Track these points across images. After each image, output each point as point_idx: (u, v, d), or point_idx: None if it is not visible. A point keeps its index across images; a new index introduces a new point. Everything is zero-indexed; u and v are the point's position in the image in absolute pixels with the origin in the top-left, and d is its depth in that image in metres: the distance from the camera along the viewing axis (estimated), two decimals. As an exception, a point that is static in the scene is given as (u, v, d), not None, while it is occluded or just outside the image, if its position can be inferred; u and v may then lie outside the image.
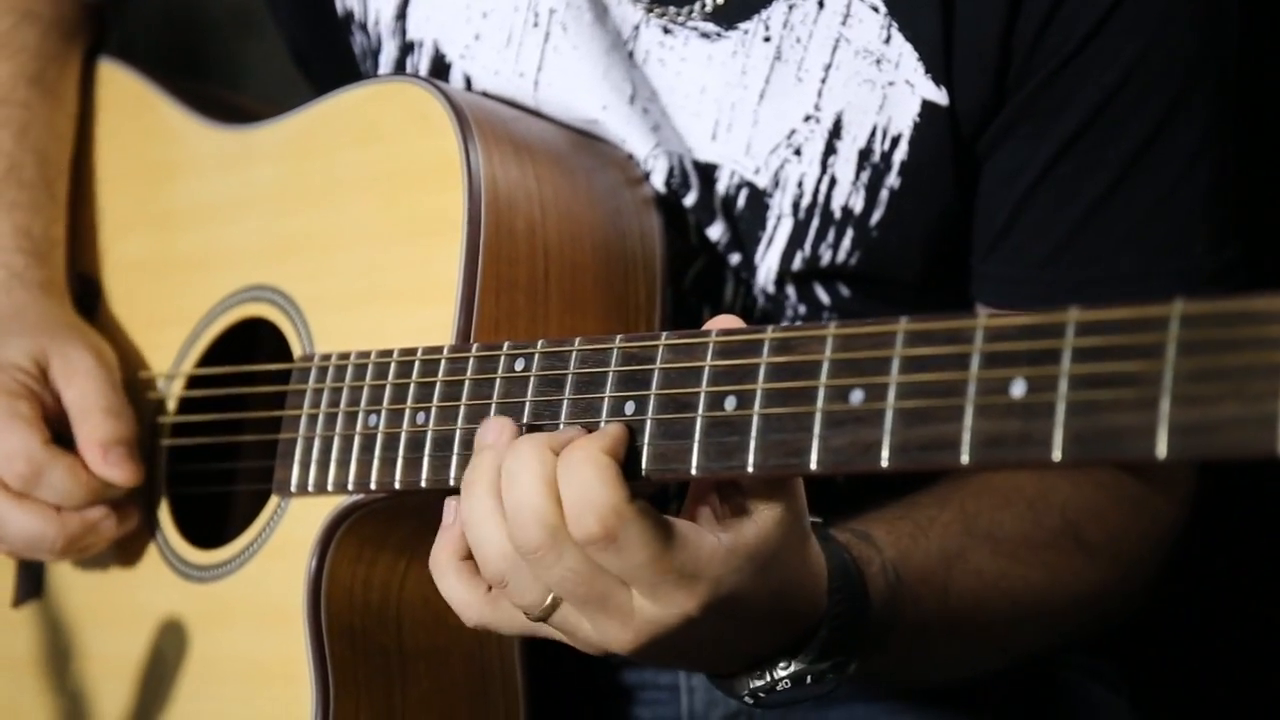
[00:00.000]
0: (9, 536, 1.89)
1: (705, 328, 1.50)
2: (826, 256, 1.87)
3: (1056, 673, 2.03)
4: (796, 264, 1.87)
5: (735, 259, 1.89)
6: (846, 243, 1.87)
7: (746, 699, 1.60)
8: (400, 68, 1.97)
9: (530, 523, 1.46)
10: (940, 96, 1.82)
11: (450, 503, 1.59)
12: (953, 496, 1.77)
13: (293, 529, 1.79)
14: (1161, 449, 1.21)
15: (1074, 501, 1.80)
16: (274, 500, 1.82)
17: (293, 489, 1.78)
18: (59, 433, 1.91)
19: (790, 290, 1.90)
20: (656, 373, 1.51)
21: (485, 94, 1.90)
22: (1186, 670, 2.27)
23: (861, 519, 1.70)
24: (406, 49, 1.96)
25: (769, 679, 1.58)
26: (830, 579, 1.57)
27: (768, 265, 1.88)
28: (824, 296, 1.90)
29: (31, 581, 2.02)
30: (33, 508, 1.87)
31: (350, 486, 1.73)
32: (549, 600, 1.52)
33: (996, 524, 1.76)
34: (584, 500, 1.45)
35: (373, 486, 1.71)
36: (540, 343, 1.60)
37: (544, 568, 1.48)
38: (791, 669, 1.57)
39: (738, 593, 1.49)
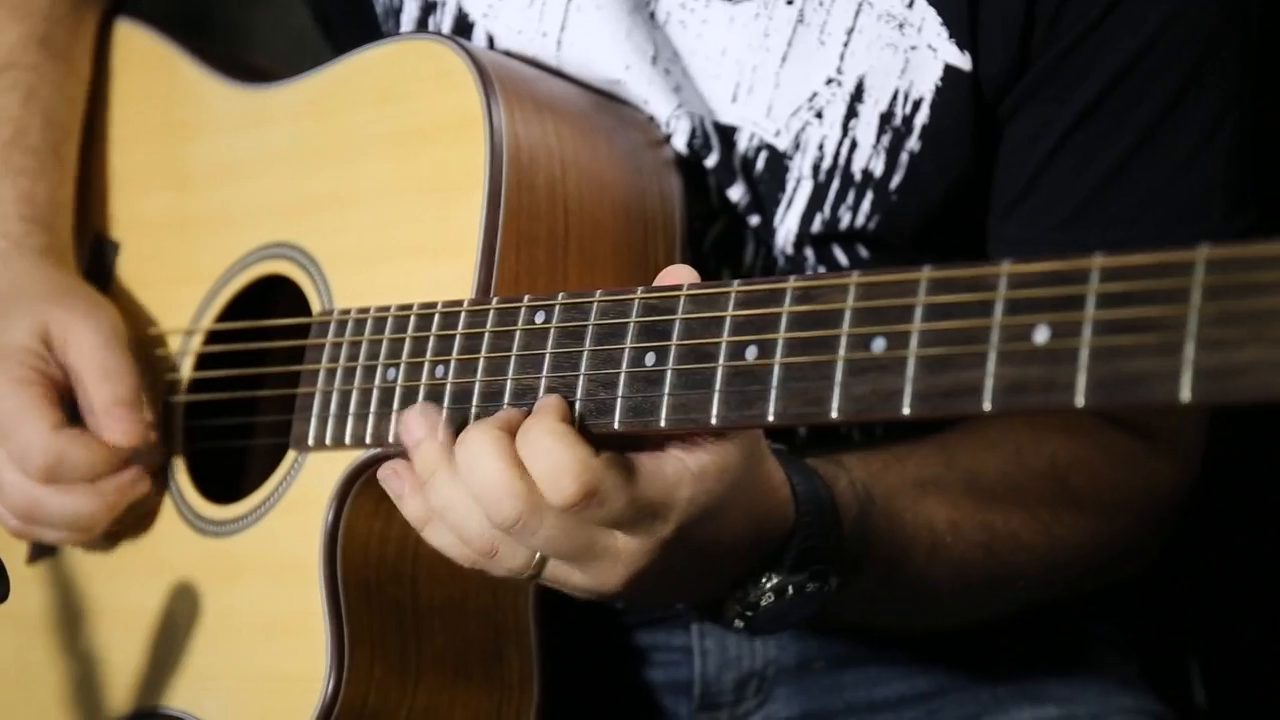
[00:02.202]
0: (53, 521, 1.89)
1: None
2: (846, 219, 1.87)
3: (1068, 639, 2.03)
4: (816, 226, 1.88)
5: (755, 221, 1.89)
6: (866, 206, 1.87)
7: (738, 624, 1.64)
8: (422, 27, 1.97)
9: (503, 499, 1.51)
10: (963, 61, 1.82)
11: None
12: (936, 435, 1.80)
13: (309, 483, 1.80)
14: (1185, 393, 1.21)
15: (1065, 451, 1.82)
16: (291, 455, 1.82)
17: (310, 443, 1.78)
18: (75, 404, 1.92)
19: (809, 253, 1.90)
20: (677, 323, 1.51)
21: (507, 53, 1.90)
22: (1195, 638, 2.27)
23: (833, 452, 1.73)
24: (428, 8, 1.96)
25: (752, 595, 1.62)
26: (795, 493, 1.62)
27: (787, 227, 1.89)
28: (842, 259, 1.91)
29: (46, 539, 2.03)
30: (68, 489, 1.87)
31: (368, 440, 1.73)
32: (536, 559, 1.56)
33: (979, 462, 1.78)
34: (556, 468, 1.49)
35: (391, 440, 1.71)
36: (561, 295, 1.60)
37: (526, 536, 1.53)
38: (773, 581, 1.62)
39: (710, 510, 1.53)
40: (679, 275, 1.55)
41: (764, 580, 1.62)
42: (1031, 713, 1.97)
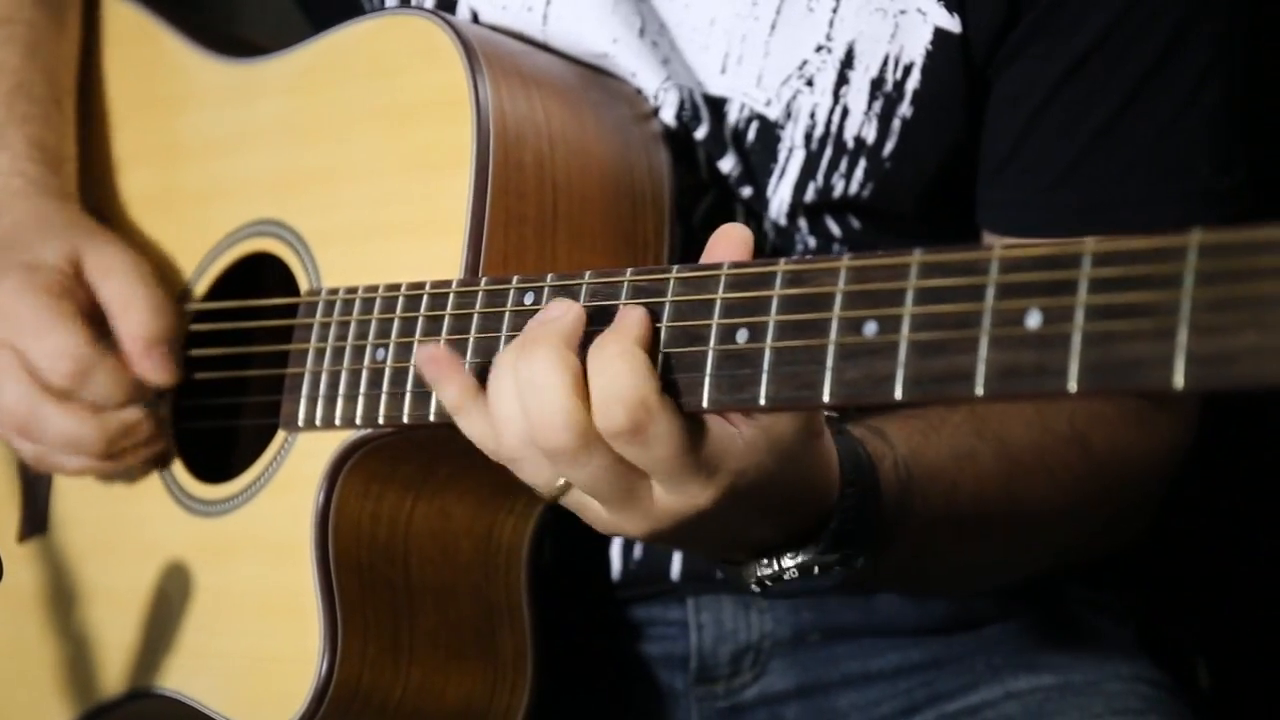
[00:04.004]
0: (48, 438, 1.87)
1: (715, 236, 1.51)
2: (839, 187, 1.86)
3: (1063, 607, 2.03)
4: (809, 195, 1.87)
5: (747, 192, 1.88)
6: (859, 173, 1.86)
7: (754, 587, 1.61)
8: (405, 2, 1.96)
9: (559, 428, 1.46)
10: (953, 24, 1.81)
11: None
12: None
13: (300, 464, 1.79)
14: (1179, 379, 1.20)
15: (1082, 411, 1.80)
16: (281, 435, 1.81)
17: (300, 423, 1.77)
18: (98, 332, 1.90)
19: (802, 223, 1.89)
20: (667, 305, 1.50)
21: (494, 28, 1.88)
22: (1190, 602, 2.27)
23: (875, 416, 1.70)
24: (412, -18, 1.95)
25: (776, 568, 1.59)
26: (843, 472, 1.58)
27: (780, 197, 1.87)
28: (835, 229, 1.90)
29: (36, 516, 2.02)
30: (73, 409, 1.86)
31: (358, 421, 1.72)
32: (561, 483, 1.52)
33: (1006, 428, 1.76)
34: (614, 393, 1.45)
35: (380, 421, 1.70)
36: (550, 276, 1.59)
37: (570, 468, 1.48)
38: (799, 559, 1.59)
39: (755, 484, 1.50)
40: (732, 236, 1.52)
41: (791, 556, 1.59)
42: (1028, 681, 1.97)
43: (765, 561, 1.60)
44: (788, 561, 1.59)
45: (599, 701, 2.00)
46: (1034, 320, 1.28)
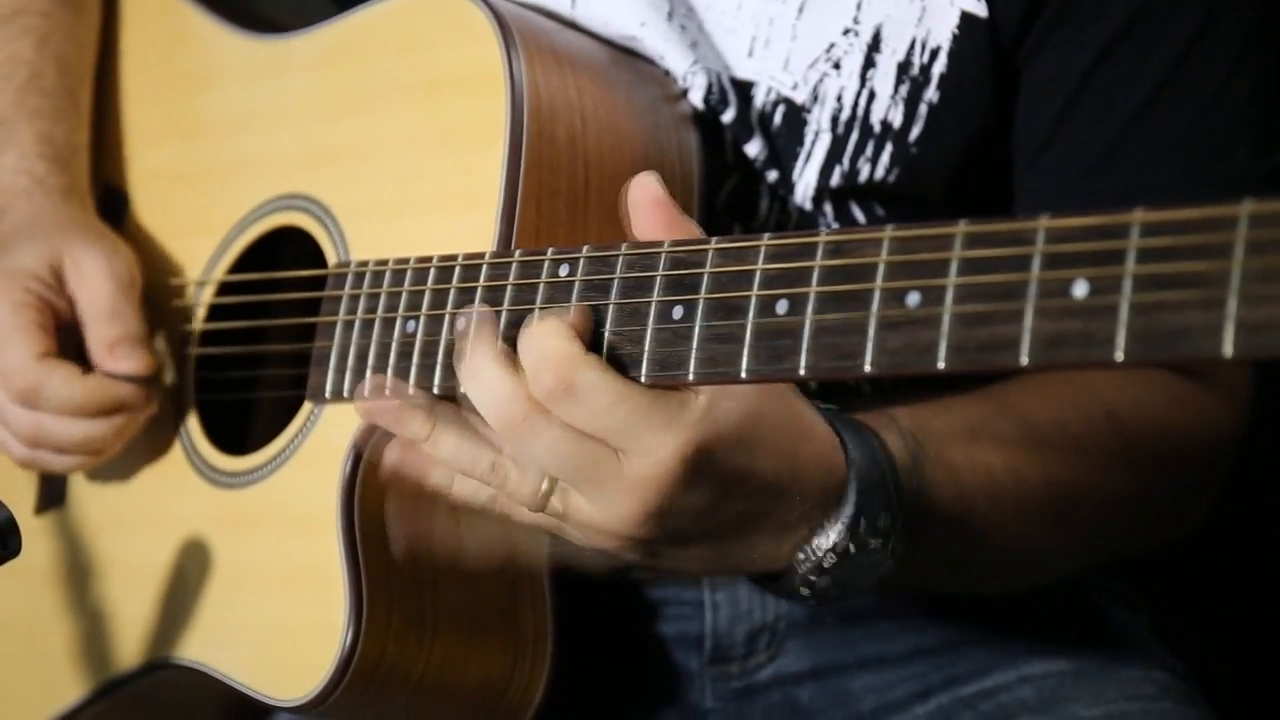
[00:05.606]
0: (61, 443, 1.89)
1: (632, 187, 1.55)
2: (865, 171, 1.87)
3: (1078, 593, 2.03)
4: (835, 179, 1.87)
5: (772, 176, 1.89)
6: (885, 158, 1.87)
7: (803, 591, 1.60)
8: None
9: (505, 400, 1.51)
10: (979, 8, 1.82)
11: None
12: (982, 386, 1.77)
13: (326, 435, 1.79)
14: (1228, 348, 1.21)
15: (1118, 393, 1.80)
16: (307, 407, 1.81)
17: (328, 395, 1.77)
18: (78, 336, 1.92)
19: (827, 208, 1.90)
20: (706, 277, 1.50)
21: (524, 6, 1.89)
22: (1204, 592, 2.27)
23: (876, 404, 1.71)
24: (441, -37, 1.95)
25: (813, 558, 1.59)
26: (845, 442, 1.59)
27: (805, 181, 1.88)
28: (860, 216, 1.90)
29: (54, 489, 2.02)
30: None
31: (388, 393, 1.72)
32: (545, 484, 1.54)
33: (1030, 407, 1.76)
34: (540, 358, 1.49)
35: (411, 392, 1.70)
36: (585, 247, 1.59)
37: (528, 444, 1.51)
38: (831, 540, 1.59)
39: (727, 442, 1.50)
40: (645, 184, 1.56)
41: (823, 539, 1.59)
42: (1042, 667, 1.97)
43: (801, 557, 1.60)
44: (823, 545, 1.59)
45: (614, 681, 2.00)
46: (1081, 290, 1.28)
